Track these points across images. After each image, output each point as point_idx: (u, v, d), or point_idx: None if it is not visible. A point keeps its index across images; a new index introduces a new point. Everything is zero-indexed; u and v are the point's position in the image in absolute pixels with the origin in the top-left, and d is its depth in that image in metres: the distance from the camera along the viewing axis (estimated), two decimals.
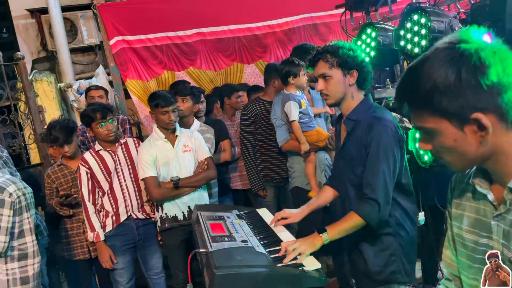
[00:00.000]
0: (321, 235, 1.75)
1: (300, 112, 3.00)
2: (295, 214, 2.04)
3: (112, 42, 4.13)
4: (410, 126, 2.46)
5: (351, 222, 1.79)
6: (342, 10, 4.06)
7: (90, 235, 2.95)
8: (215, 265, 1.48)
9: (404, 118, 2.49)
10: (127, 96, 4.40)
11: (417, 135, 1.02)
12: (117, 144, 3.04)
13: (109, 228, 2.98)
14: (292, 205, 3.30)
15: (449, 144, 0.94)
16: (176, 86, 3.27)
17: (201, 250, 1.69)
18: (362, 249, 1.92)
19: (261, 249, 1.70)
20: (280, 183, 3.52)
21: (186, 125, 3.25)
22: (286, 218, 2.04)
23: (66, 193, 2.97)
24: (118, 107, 4.31)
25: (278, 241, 1.85)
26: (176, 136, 3.01)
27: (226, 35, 4.54)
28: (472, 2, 1.89)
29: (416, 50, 1.93)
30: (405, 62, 3.03)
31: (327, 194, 2.15)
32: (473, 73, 0.87)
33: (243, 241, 1.75)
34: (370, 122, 1.82)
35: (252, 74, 4.59)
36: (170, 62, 4.40)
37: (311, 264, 1.59)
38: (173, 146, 2.99)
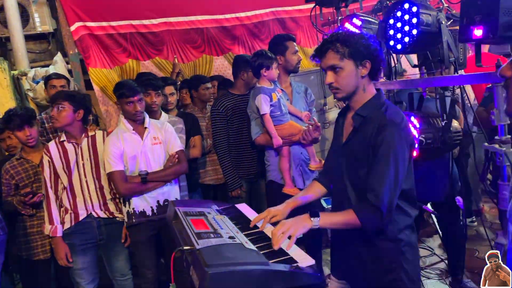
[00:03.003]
0: (312, 219, 1.65)
1: (271, 106, 2.94)
2: (281, 210, 1.91)
3: (73, 28, 3.89)
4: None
5: (347, 220, 1.68)
6: (310, 5, 4.05)
7: (48, 228, 2.76)
8: (205, 263, 1.38)
9: None
10: (88, 86, 4.16)
11: None
12: (83, 135, 2.85)
13: (67, 225, 2.80)
14: (266, 199, 3.26)
15: None
16: (150, 80, 3.10)
17: (185, 247, 1.58)
18: (361, 254, 1.82)
19: (250, 246, 1.62)
20: (252, 179, 3.46)
21: (153, 118, 3.11)
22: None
23: (32, 191, 2.76)
24: None
25: (265, 237, 1.78)
26: (145, 128, 2.87)
27: (195, 25, 4.40)
28: None
29: (404, 41, 1.91)
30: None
31: (315, 190, 2.04)
32: None
33: (231, 237, 1.66)
34: (383, 122, 1.67)
35: (222, 67, 4.49)
36: (134, 50, 4.22)
37: (305, 261, 1.53)
38: (142, 139, 2.85)
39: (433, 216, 3.55)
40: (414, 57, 2.95)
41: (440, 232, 3.28)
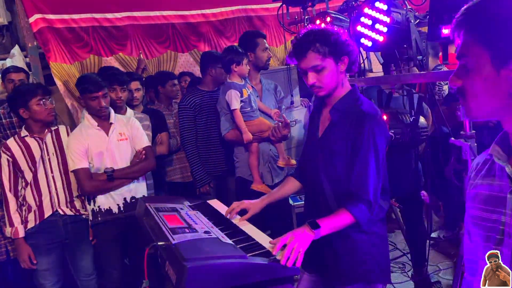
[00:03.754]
0: (314, 231, 1.60)
1: (241, 101, 2.94)
2: (254, 204, 1.93)
3: (31, 20, 3.71)
4: None
5: (344, 220, 1.69)
6: (277, 4, 4.08)
7: (8, 230, 2.64)
8: (183, 257, 1.35)
9: None
10: (47, 81, 3.99)
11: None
12: (46, 130, 2.73)
13: (31, 224, 2.68)
14: (235, 196, 3.26)
15: (478, 83, 0.90)
16: (115, 75, 3.01)
17: (160, 243, 1.55)
18: (336, 247, 1.83)
19: (227, 240, 1.60)
20: (220, 176, 3.43)
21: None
22: (245, 210, 1.95)
23: None
24: None
25: (240, 231, 1.77)
26: (111, 123, 2.78)
27: (160, 20, 4.32)
28: None
29: (375, 38, 1.95)
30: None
31: (290, 186, 2.05)
32: None
33: (206, 232, 1.64)
34: (360, 116, 1.71)
35: (187, 63, 4.43)
36: (96, 45, 4.08)
37: (281, 253, 1.53)
38: (107, 135, 2.76)
39: (395, 211, 3.66)
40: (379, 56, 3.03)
41: (404, 226, 3.38)
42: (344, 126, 1.75)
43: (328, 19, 2.44)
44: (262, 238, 1.71)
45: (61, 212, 2.74)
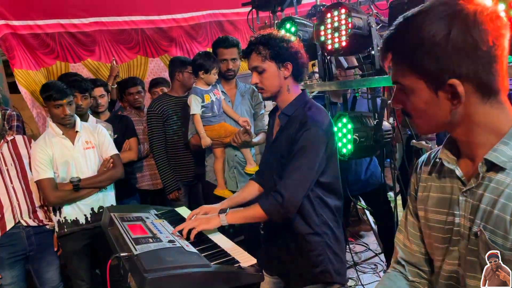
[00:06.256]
0: (220, 215, 1.74)
1: (203, 107, 2.93)
2: (215, 208, 1.93)
3: None
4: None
5: (253, 212, 1.76)
6: (248, 8, 4.09)
7: None
8: (144, 268, 1.33)
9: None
10: (12, 89, 3.88)
11: (393, 91, 0.97)
12: (2, 141, 2.66)
13: None
14: (204, 200, 3.24)
15: (419, 106, 0.92)
16: (76, 82, 2.94)
17: (122, 254, 1.52)
18: (291, 249, 1.87)
19: (191, 249, 1.59)
20: (191, 182, 3.41)
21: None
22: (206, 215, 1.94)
23: None
24: (0, 101, 3.77)
25: (207, 239, 1.76)
26: (76, 131, 2.73)
27: (129, 26, 4.26)
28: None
29: (336, 45, 1.97)
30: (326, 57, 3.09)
31: (251, 189, 2.07)
32: (464, 35, 0.82)
33: (170, 241, 1.62)
34: (304, 120, 1.75)
35: (158, 68, 4.38)
36: (63, 52, 3.99)
37: (247, 261, 1.53)
38: (73, 143, 2.71)
39: (367, 212, 3.70)
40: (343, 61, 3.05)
41: (375, 226, 3.42)
42: (290, 130, 1.80)
43: (293, 27, 2.45)
44: (228, 246, 1.70)
45: (24, 223, 2.67)
